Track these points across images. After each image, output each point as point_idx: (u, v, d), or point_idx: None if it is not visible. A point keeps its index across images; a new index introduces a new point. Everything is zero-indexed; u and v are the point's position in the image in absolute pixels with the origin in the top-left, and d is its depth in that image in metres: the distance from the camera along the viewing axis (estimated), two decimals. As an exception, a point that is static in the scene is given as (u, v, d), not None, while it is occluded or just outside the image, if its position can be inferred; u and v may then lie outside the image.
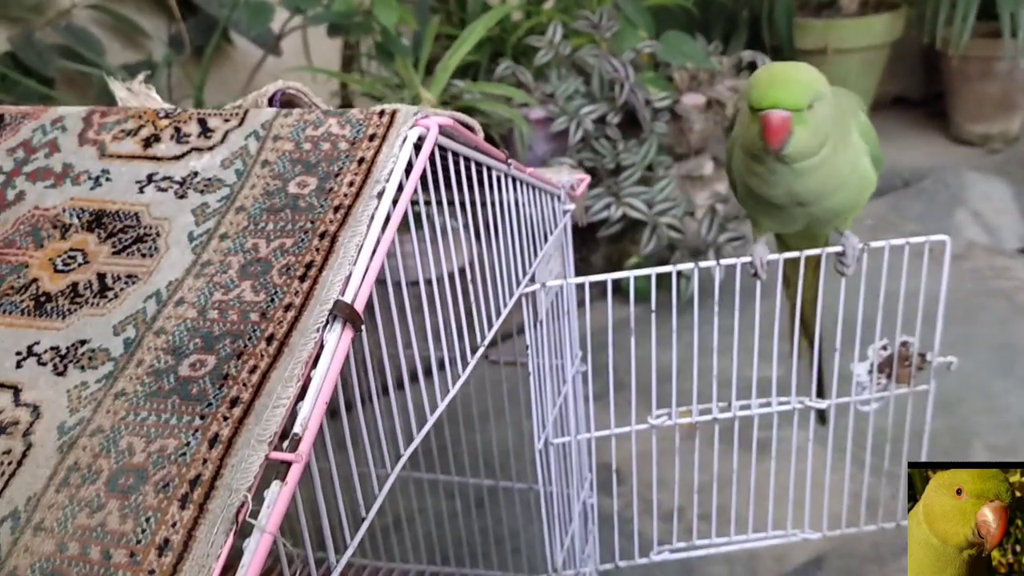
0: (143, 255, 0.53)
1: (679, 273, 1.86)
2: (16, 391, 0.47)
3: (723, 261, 0.85)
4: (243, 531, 0.40)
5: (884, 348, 0.86)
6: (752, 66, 2.09)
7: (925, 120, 2.83)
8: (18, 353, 0.49)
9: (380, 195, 0.52)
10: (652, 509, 0.97)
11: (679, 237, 1.82)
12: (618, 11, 2.06)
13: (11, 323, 0.51)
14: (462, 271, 0.66)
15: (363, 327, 0.47)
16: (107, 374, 0.47)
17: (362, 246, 0.50)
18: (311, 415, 0.43)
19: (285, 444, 0.42)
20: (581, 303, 0.92)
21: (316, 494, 0.46)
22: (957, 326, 1.79)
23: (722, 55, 2.18)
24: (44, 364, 0.48)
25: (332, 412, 0.47)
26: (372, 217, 0.51)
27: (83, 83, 1.91)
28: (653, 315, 0.88)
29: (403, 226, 0.58)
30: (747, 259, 0.84)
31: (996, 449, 1.44)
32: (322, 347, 0.46)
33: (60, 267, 0.54)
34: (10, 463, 0.44)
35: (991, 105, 2.57)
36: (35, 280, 0.53)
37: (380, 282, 0.51)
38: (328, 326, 0.47)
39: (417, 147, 0.56)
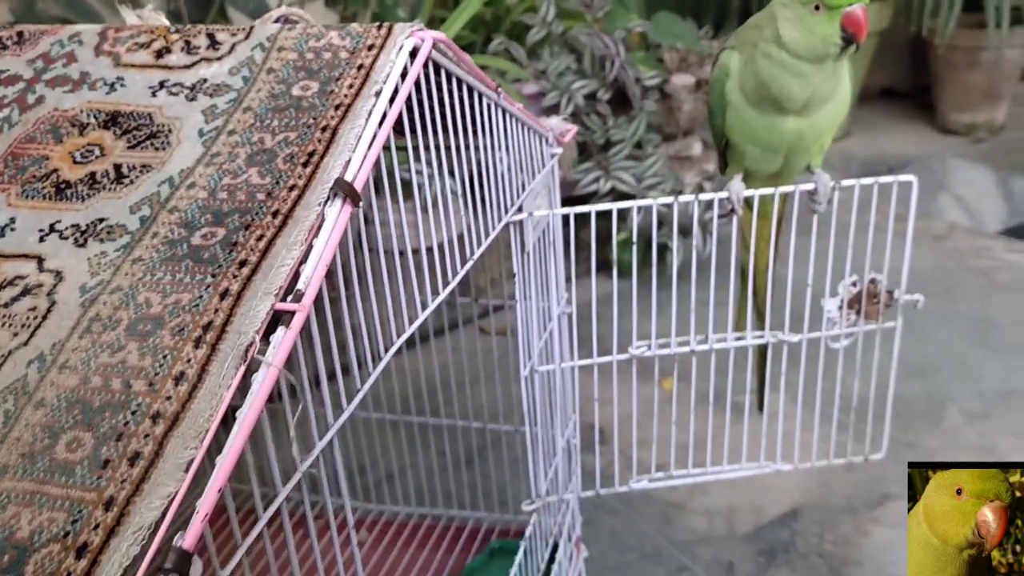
0: (156, 148, 0.57)
1: (663, 246, 1.89)
2: (40, 260, 0.51)
3: (701, 196, 0.89)
4: (251, 368, 0.44)
5: (854, 284, 0.90)
6: (740, 48, 2.13)
7: (912, 111, 2.88)
8: (40, 230, 0.53)
9: (378, 94, 0.57)
10: (632, 449, 1.01)
11: (667, 212, 1.86)
12: (611, -7, 2.10)
13: (34, 206, 0.55)
14: (451, 241, 0.69)
15: (360, 204, 0.52)
16: (125, 244, 0.51)
17: (360, 136, 0.54)
18: (313, 274, 0.47)
19: (289, 299, 0.47)
20: (567, 247, 0.96)
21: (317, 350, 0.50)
22: (937, 300, 1.84)
23: (712, 39, 2.23)
24: (65, 238, 0.52)
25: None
26: (370, 112, 0.55)
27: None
28: (634, 247, 0.92)
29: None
30: (724, 194, 0.89)
31: (969, 414, 1.49)
32: (323, 220, 0.50)
33: (79, 159, 0.58)
34: (35, 317, 0.48)
35: (977, 95, 2.63)
36: (55, 170, 0.57)
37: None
38: (329, 201, 0.51)
39: (413, 58, 0.61)
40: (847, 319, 0.91)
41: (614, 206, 0.90)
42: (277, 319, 0.46)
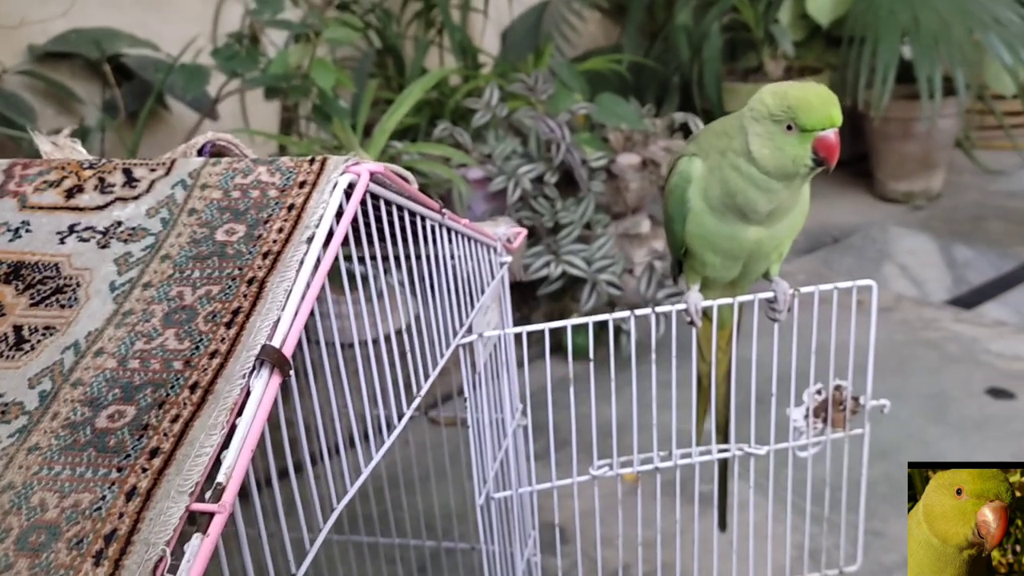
0: (62, 306, 0.51)
1: (618, 329, 1.86)
2: (-80, 450, 0.45)
3: (658, 308, 0.86)
4: (162, 587, 0.38)
5: (819, 392, 0.87)
6: (684, 127, 2.15)
7: (851, 179, 2.93)
8: (-76, 410, 0.47)
9: (310, 240, 0.52)
10: (597, 568, 0.95)
11: (618, 294, 1.83)
12: (553, 75, 2.11)
13: (-83, 379, 0.49)
14: (399, 333, 0.65)
15: (291, 373, 0.46)
16: (20, 428, 0.45)
17: (291, 291, 0.49)
18: (236, 463, 0.42)
19: (208, 495, 0.41)
20: (520, 363, 0.92)
21: (243, 553, 0.44)
22: (890, 376, 1.83)
23: (655, 117, 2.24)
24: (-48, 421, 0.46)
25: (268, 474, 0.45)
26: (301, 262, 0.50)
27: (13, 148, 1.87)
28: (591, 364, 0.87)
29: (340, 286, 0.58)
30: (682, 306, 0.85)
31: (934, 495, 1.46)
32: (249, 394, 0.45)
33: (-27, 320, 0.52)
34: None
35: (912, 164, 2.68)
36: (-54, 334, 0.51)
37: (315, 343, 0.51)
38: (255, 372, 0.45)
39: (348, 194, 0.56)
40: (814, 428, 0.88)
41: (569, 322, 0.86)
42: (193, 521, 0.40)
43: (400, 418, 0.63)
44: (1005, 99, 2.77)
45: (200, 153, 0.65)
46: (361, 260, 0.62)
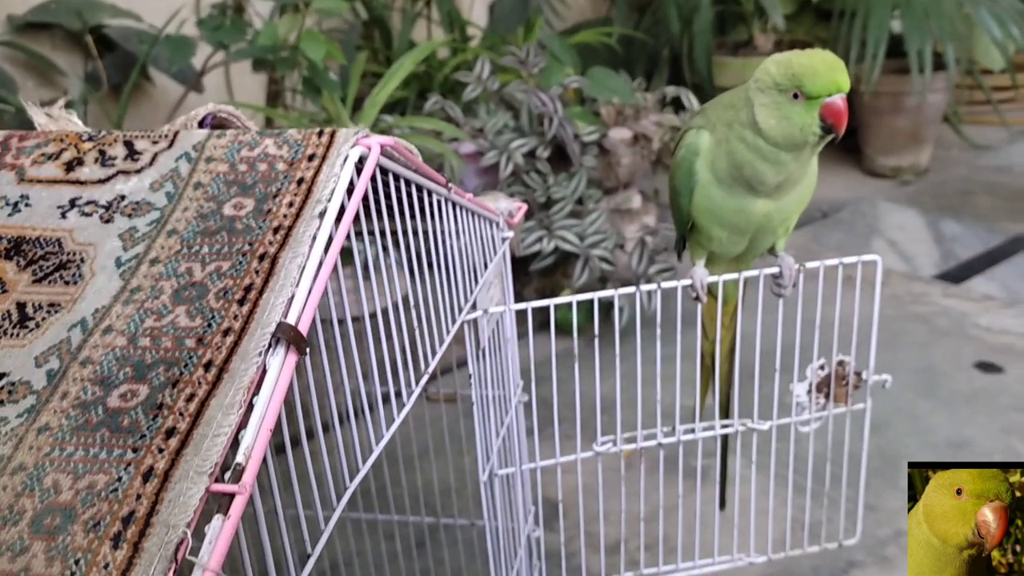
0: (66, 282, 0.50)
1: (612, 306, 1.86)
2: (-75, 431, 0.43)
3: (664, 284, 0.85)
4: (182, 571, 0.37)
5: (821, 368, 0.87)
6: (676, 102, 2.14)
7: (840, 154, 2.93)
8: (-73, 390, 0.46)
9: (322, 215, 0.50)
10: (598, 542, 0.95)
11: (611, 269, 1.83)
12: (544, 48, 2.08)
13: (-82, 358, 0.47)
14: (401, 302, 0.64)
15: (307, 350, 0.45)
16: (29, 408, 0.44)
17: (304, 267, 0.48)
18: (254, 443, 0.41)
19: (227, 475, 0.40)
20: (524, 337, 0.91)
21: (261, 532, 0.43)
22: (880, 351, 1.83)
23: (645, 91, 2.22)
24: (-44, 401, 0.45)
25: (277, 448, 0.44)
26: (314, 238, 0.49)
27: (-5, 121, 1.83)
28: (597, 340, 0.87)
29: (346, 261, 0.57)
30: (687, 282, 0.85)
31: (924, 469, 1.48)
32: (265, 372, 0.44)
33: (-26, 297, 0.50)
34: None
35: (902, 139, 2.68)
36: (-54, 312, 0.49)
37: (322, 320, 0.49)
38: (271, 350, 0.44)
39: (358, 168, 0.55)
40: (816, 403, 0.88)
41: (573, 298, 0.85)
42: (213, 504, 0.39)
43: (409, 395, 0.62)
44: (992, 74, 2.78)
45: (201, 125, 0.63)
46: (369, 233, 0.61)
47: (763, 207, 0.80)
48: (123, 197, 0.54)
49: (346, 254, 0.58)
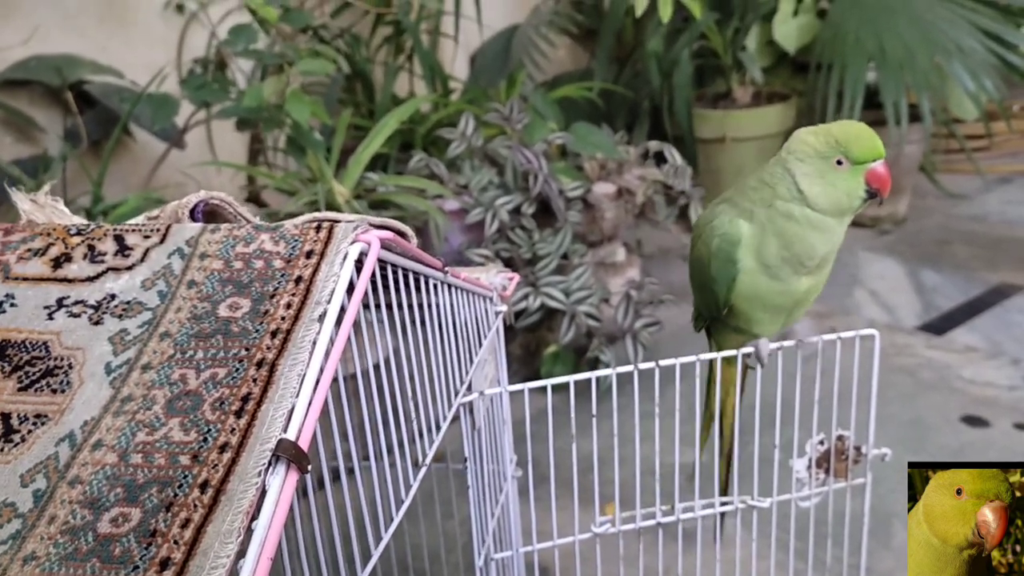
0: (53, 391, 0.48)
1: (596, 360, 1.83)
2: (-99, 560, 0.41)
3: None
4: None
5: (821, 443, 0.86)
6: (659, 155, 2.15)
7: (818, 203, 2.95)
8: (-96, 513, 0.43)
9: (322, 318, 0.49)
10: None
11: (597, 325, 1.82)
12: (526, 103, 2.09)
13: None
14: (399, 393, 0.62)
15: (309, 468, 0.43)
16: (14, 534, 0.41)
17: (304, 375, 0.46)
18: (255, 572, 0.39)
19: (226, 611, 0.38)
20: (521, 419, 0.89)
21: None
22: (868, 404, 1.84)
23: (628, 144, 2.24)
24: (-65, 525, 0.42)
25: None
26: (314, 343, 0.47)
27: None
28: (593, 419, 0.85)
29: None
30: (748, 350, 0.84)
31: (917, 527, 1.46)
32: (264, 493, 0.42)
33: (-45, 408, 0.48)
34: None
35: (879, 189, 2.71)
36: (-75, 424, 0.47)
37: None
38: (270, 468, 0.42)
39: (357, 265, 0.53)
40: (816, 478, 0.86)
41: (570, 379, 0.83)
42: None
43: (407, 490, 0.60)
44: (964, 123, 2.82)
45: (192, 213, 0.61)
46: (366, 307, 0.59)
47: (805, 284, 0.80)
48: (113, 296, 0.52)
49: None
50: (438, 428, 0.69)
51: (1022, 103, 3.57)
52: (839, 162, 0.74)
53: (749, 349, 0.84)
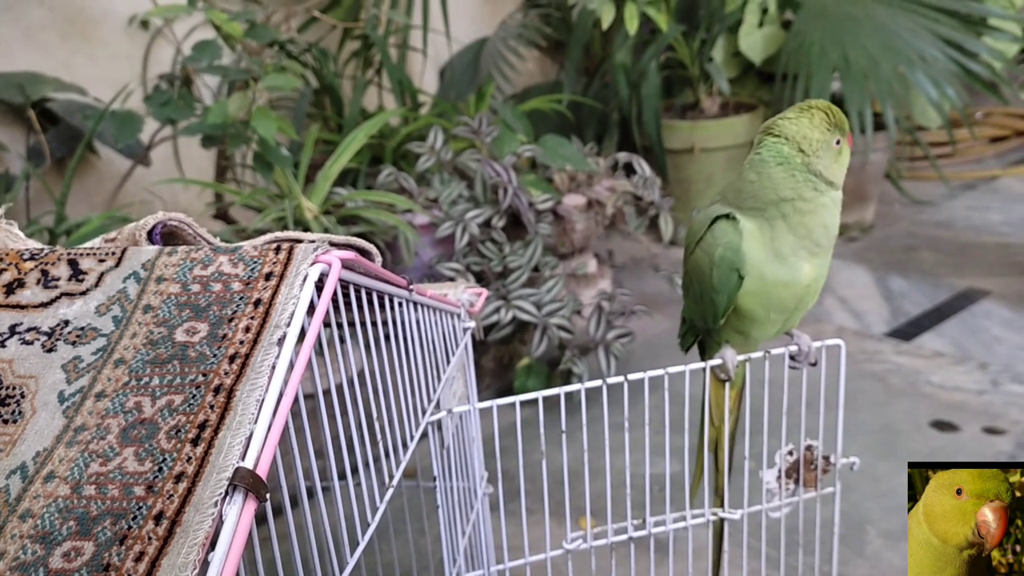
0: (4, 421, 0.47)
1: (569, 372, 1.83)
2: None
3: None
4: None
5: (790, 454, 0.86)
6: (628, 167, 2.16)
7: (787, 211, 2.98)
8: None
9: (281, 341, 0.48)
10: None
11: (569, 337, 1.82)
12: (496, 116, 2.10)
13: None
14: (364, 415, 0.61)
15: (267, 496, 0.42)
16: (-40, 573, 0.40)
17: (263, 401, 0.45)
18: (212, 608, 0.38)
19: (182, 647, 0.37)
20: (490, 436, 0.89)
21: None
22: (837, 409, 1.85)
23: (597, 156, 2.24)
24: None
25: None
26: (273, 367, 0.47)
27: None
28: (564, 435, 0.85)
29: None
30: (716, 362, 0.84)
31: (889, 535, 1.47)
32: (221, 523, 0.41)
33: (-98, 441, 0.46)
34: None
35: (846, 196, 2.72)
36: None
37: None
38: (227, 498, 0.41)
39: (318, 286, 0.52)
40: (786, 489, 0.87)
41: (540, 394, 0.83)
42: None
43: (374, 513, 0.59)
44: (928, 130, 2.87)
45: (151, 235, 0.60)
46: (330, 344, 0.59)
47: (809, 272, 0.81)
48: (67, 323, 0.51)
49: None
50: (405, 447, 0.68)
51: (984, 110, 3.63)
52: (837, 142, 0.80)
53: (717, 361, 0.85)
